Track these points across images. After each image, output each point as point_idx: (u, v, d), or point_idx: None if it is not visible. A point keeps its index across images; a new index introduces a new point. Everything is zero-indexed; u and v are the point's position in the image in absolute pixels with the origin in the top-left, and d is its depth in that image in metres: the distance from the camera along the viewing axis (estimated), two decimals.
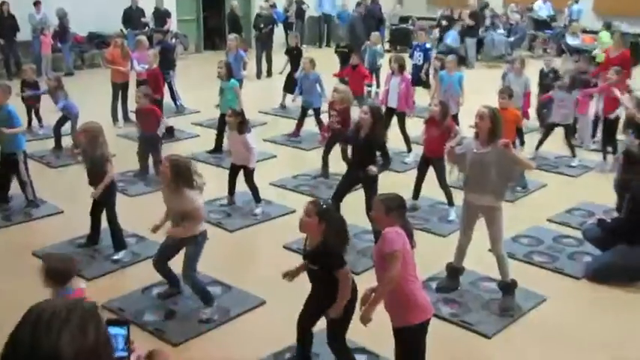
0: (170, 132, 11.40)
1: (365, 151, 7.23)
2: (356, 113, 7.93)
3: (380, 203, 4.67)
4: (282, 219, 8.32)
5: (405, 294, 4.51)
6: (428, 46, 14.43)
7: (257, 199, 8.44)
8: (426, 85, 14.07)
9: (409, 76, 11.10)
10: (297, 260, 5.43)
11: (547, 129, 10.84)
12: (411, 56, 14.54)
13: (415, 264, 4.61)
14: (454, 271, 6.63)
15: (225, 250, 7.50)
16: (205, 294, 6.11)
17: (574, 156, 10.60)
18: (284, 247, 7.48)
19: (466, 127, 10.15)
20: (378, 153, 7.26)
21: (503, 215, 6.23)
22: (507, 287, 6.33)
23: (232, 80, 10.57)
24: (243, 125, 8.19)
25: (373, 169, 7.10)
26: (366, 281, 5.17)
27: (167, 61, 13.02)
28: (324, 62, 16.93)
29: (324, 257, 4.68)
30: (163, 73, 12.20)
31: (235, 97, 10.41)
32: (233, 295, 6.45)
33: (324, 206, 4.78)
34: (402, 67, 10.66)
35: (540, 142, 10.80)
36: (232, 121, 8.20)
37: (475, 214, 6.32)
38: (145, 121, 9.47)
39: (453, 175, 6.75)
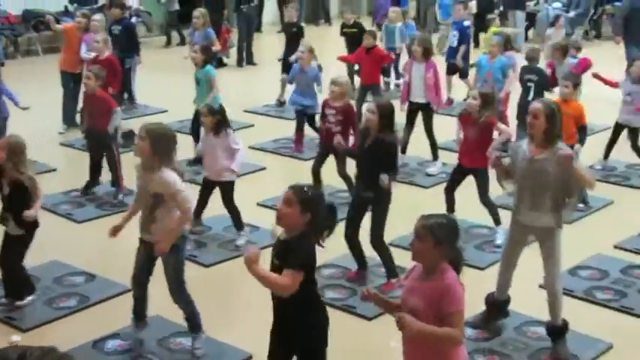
0: (130, 137, 11.01)
1: (373, 163, 7.16)
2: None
3: (426, 231, 4.48)
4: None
5: (444, 353, 4.52)
6: (466, 24, 14.49)
7: (239, 225, 8.55)
8: (463, 73, 14.24)
9: (435, 63, 10.97)
10: None
11: (613, 131, 10.82)
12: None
13: None
14: (496, 306, 6.73)
15: (199, 291, 7.59)
16: (196, 321, 6.34)
17: None
18: None
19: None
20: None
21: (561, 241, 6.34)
22: (558, 332, 6.42)
23: (208, 66, 10.66)
24: (221, 125, 8.23)
25: (385, 179, 7.02)
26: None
27: (131, 44, 13.40)
28: (326, 47, 17.07)
29: (291, 252, 4.74)
30: (126, 58, 12.71)
31: (210, 88, 10.50)
32: (211, 348, 6.50)
33: (309, 193, 4.85)
34: (427, 52, 10.58)
35: (608, 148, 10.84)
36: (208, 121, 8.26)
37: (525, 239, 6.47)
38: (94, 113, 9.49)
39: (507, 187, 6.86)
